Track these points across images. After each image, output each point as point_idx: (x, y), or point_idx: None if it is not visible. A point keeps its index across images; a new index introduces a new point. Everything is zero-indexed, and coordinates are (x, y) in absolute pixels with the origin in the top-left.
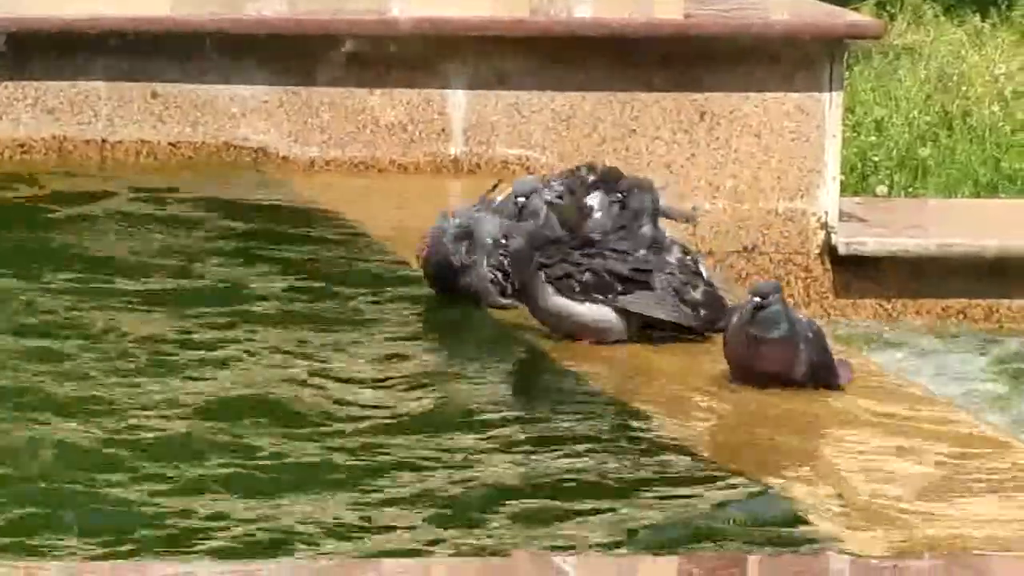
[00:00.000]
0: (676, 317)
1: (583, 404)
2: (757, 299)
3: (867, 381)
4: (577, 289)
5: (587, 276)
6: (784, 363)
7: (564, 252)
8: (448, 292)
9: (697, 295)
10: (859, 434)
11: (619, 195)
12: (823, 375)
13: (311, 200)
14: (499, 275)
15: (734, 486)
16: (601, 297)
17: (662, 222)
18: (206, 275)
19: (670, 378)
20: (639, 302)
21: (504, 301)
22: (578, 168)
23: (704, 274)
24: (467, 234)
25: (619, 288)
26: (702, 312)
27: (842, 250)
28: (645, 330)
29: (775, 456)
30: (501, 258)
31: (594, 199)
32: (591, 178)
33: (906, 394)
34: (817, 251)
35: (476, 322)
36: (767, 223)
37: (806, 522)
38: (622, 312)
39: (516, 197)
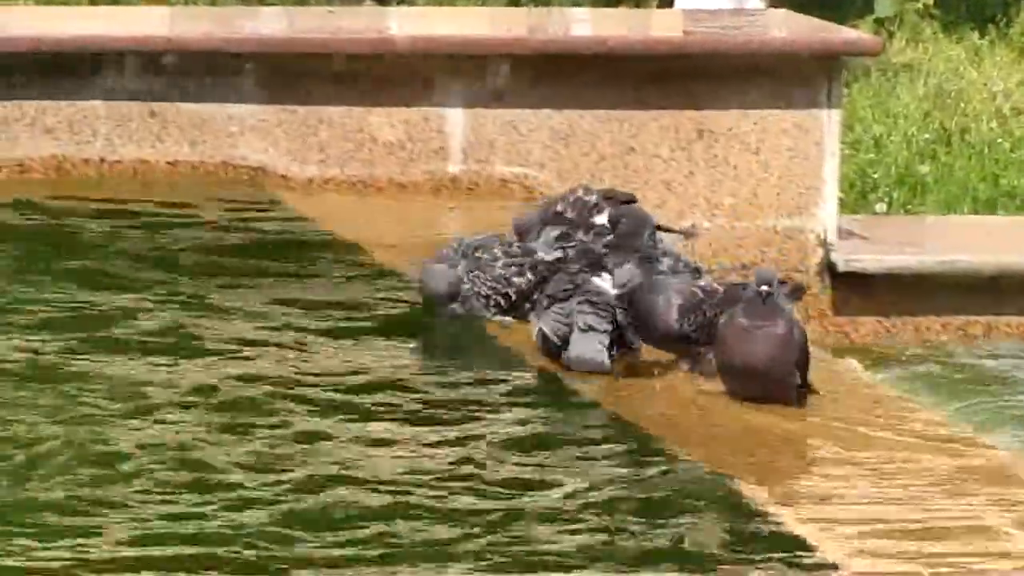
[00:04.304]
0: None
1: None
2: (764, 288)
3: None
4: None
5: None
6: (781, 352)
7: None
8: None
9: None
10: (857, 453)
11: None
12: (804, 368)
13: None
14: (494, 294)
15: (737, 507)
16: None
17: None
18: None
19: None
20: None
21: (505, 319)
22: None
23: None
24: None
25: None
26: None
27: (841, 267)
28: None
29: (775, 476)
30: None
31: (602, 218)
32: (593, 199)
33: (904, 409)
34: (816, 268)
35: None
36: (766, 241)
37: (808, 547)
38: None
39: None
